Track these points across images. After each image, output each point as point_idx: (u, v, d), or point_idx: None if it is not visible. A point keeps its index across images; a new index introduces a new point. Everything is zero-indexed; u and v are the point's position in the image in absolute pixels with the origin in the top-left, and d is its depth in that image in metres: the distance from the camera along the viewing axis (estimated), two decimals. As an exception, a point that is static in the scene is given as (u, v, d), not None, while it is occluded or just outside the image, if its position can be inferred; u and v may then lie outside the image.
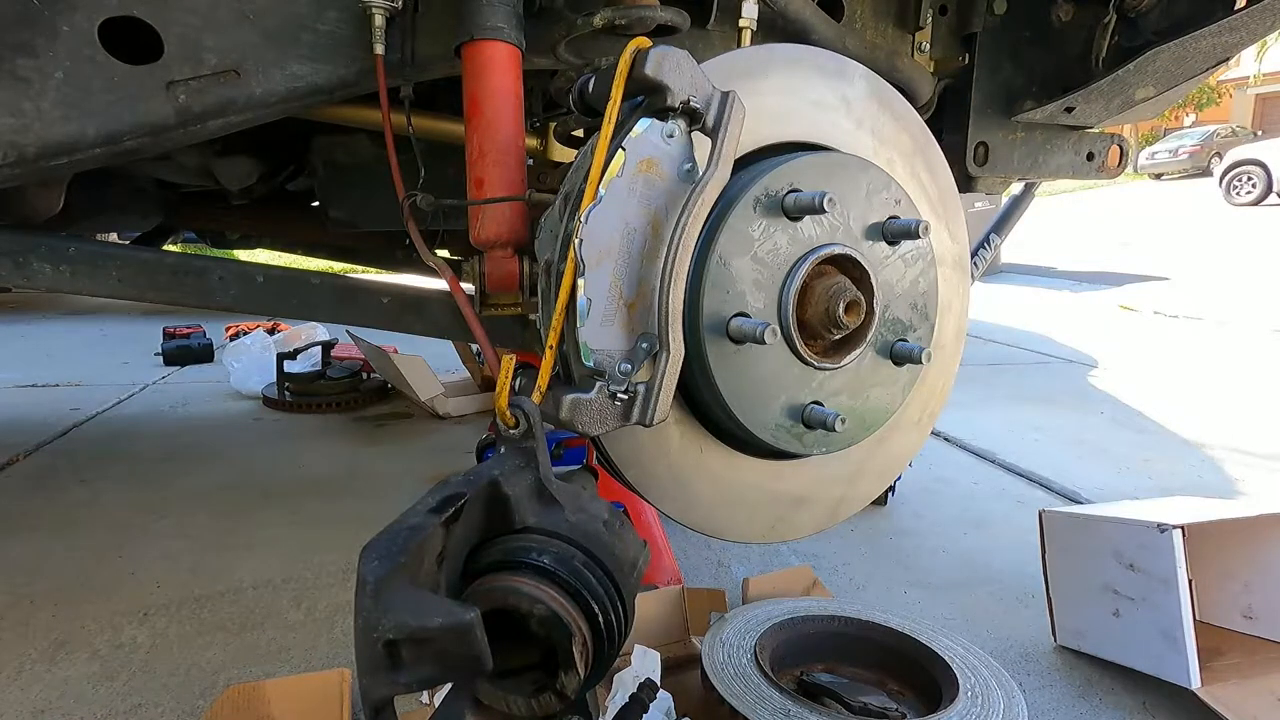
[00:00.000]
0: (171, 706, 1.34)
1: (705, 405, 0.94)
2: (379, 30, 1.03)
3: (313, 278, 1.35)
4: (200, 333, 4.46)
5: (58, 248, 1.21)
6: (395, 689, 0.50)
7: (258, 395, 3.46)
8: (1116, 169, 1.76)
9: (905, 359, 1.00)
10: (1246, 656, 1.40)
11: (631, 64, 0.78)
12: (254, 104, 1.05)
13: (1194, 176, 19.58)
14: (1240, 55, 3.72)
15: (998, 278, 9.06)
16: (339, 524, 2.11)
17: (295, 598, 1.71)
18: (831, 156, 0.96)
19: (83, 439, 2.90)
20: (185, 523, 2.11)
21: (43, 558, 1.88)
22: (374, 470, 2.57)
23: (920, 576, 1.89)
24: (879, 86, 1.07)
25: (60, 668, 1.45)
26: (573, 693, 0.63)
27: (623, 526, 0.71)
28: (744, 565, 1.90)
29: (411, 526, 0.54)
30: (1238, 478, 2.66)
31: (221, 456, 2.70)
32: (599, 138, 0.79)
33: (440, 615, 0.48)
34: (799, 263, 0.90)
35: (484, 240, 1.00)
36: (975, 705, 1.17)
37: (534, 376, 0.80)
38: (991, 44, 1.53)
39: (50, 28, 0.95)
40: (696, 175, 0.81)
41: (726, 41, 1.22)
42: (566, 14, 1.10)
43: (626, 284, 0.80)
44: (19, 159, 0.98)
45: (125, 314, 5.98)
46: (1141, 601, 1.37)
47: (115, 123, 1.00)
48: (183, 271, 1.27)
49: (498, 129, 0.98)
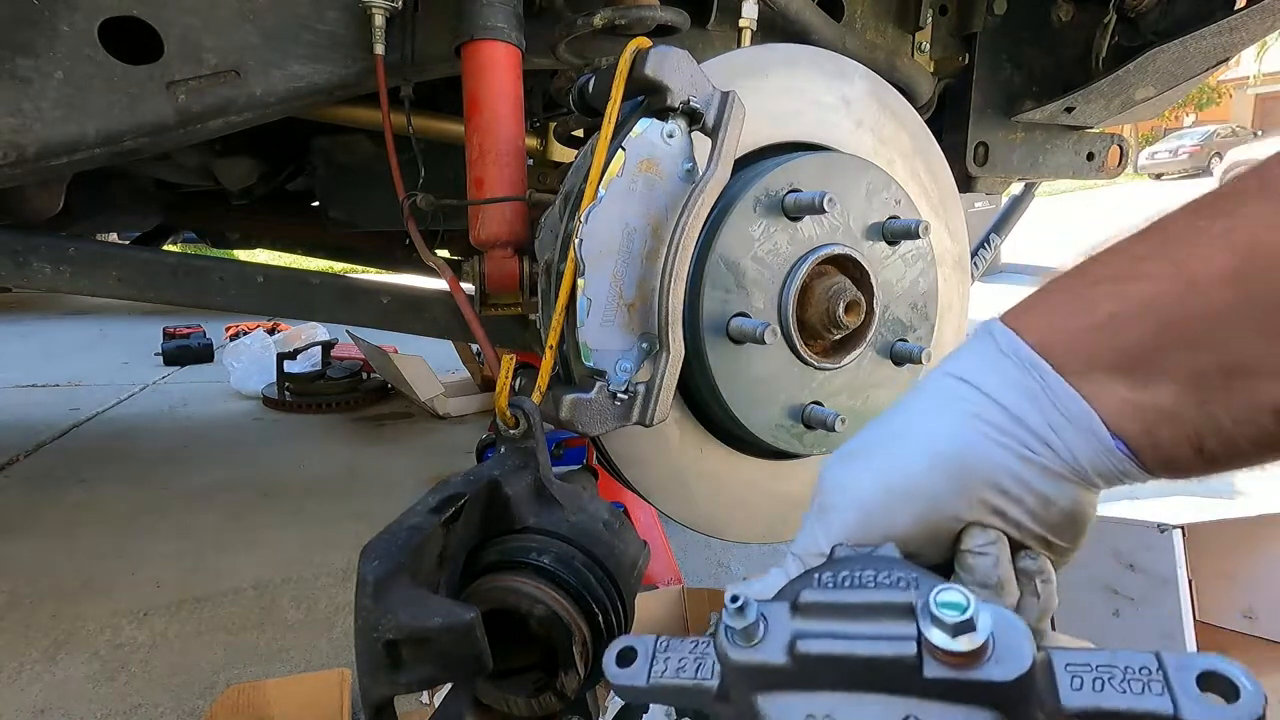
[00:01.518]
0: (171, 706, 1.34)
1: (705, 405, 0.94)
2: (379, 30, 1.03)
3: (313, 278, 1.35)
4: (200, 333, 4.46)
5: (58, 248, 1.21)
6: (395, 689, 0.50)
7: (258, 395, 3.46)
8: (1116, 169, 1.76)
9: (905, 359, 1.00)
10: (1246, 657, 1.39)
11: (631, 64, 0.78)
12: (254, 104, 1.05)
13: (1194, 176, 19.57)
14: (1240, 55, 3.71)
15: (998, 278, 9.05)
16: (339, 524, 2.11)
17: (295, 598, 1.71)
18: (832, 157, 0.96)
19: (83, 439, 2.90)
20: (185, 523, 2.10)
21: (43, 558, 1.88)
22: (374, 470, 2.57)
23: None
24: (879, 86, 1.07)
25: (60, 668, 1.45)
26: (573, 693, 0.63)
27: (623, 526, 0.71)
28: (744, 565, 1.90)
29: (411, 526, 0.54)
30: (1238, 478, 2.66)
31: (221, 456, 2.70)
32: (599, 138, 0.79)
33: (440, 615, 0.48)
34: (799, 263, 0.90)
35: (484, 240, 1.00)
36: (975, 705, 1.17)
37: (534, 376, 0.80)
38: (991, 44, 1.53)
39: (50, 28, 0.95)
40: (697, 175, 0.81)
41: (726, 41, 1.22)
42: (566, 14, 1.10)
43: (626, 284, 0.80)
44: (19, 159, 0.98)
45: (125, 314, 5.97)
46: (1141, 602, 1.37)
47: (115, 123, 1.00)
48: (183, 271, 1.27)
49: (498, 129, 0.98)
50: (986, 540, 0.42)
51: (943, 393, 0.44)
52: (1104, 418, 0.39)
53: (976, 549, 0.42)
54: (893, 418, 0.47)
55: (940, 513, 0.42)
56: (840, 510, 0.45)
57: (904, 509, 0.43)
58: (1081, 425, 0.39)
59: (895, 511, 0.43)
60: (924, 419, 0.44)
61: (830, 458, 0.49)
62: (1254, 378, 0.35)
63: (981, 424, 0.41)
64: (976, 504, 0.42)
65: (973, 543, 0.42)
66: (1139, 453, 0.39)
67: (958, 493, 0.42)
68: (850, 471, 0.46)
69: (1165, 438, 0.38)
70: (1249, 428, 0.36)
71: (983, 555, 0.42)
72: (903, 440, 0.44)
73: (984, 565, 0.42)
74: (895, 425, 0.46)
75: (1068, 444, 0.40)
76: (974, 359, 0.44)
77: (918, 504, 0.43)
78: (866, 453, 0.46)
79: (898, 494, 0.43)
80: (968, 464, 0.41)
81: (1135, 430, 0.39)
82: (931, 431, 0.43)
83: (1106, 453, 0.40)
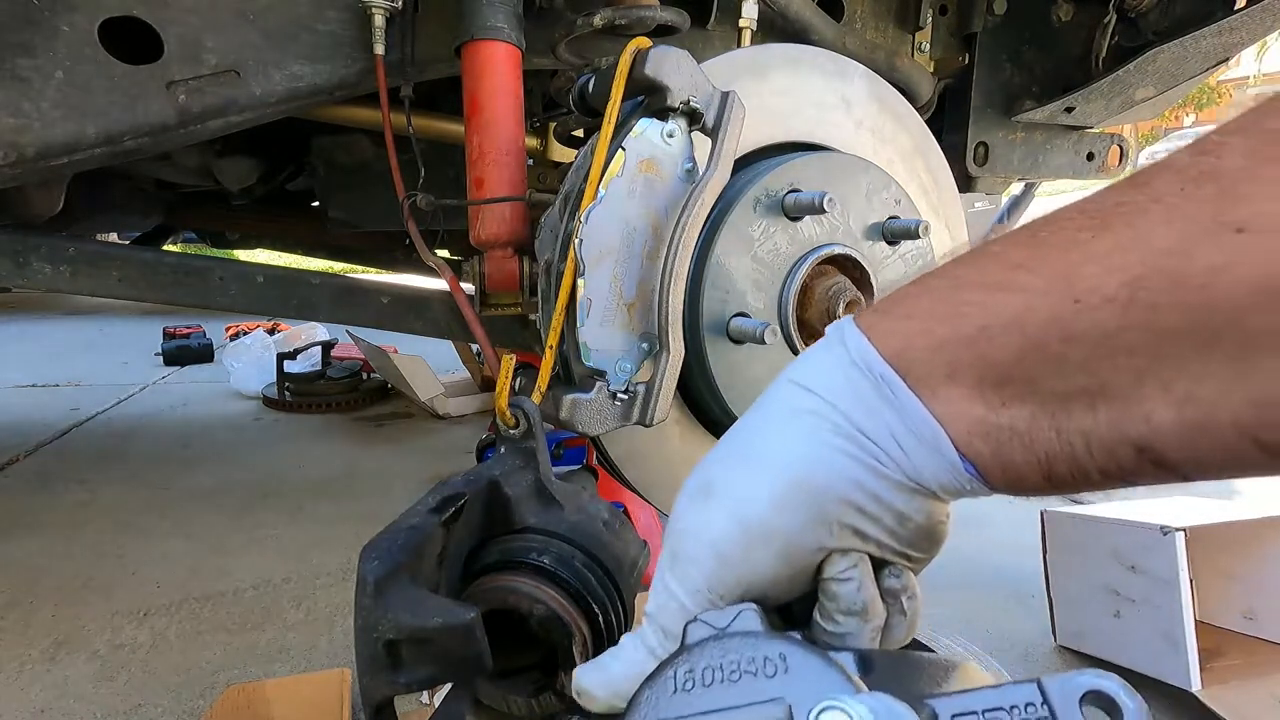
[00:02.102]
0: (171, 706, 1.34)
1: (705, 405, 0.94)
2: (379, 30, 1.03)
3: (313, 278, 1.35)
4: (200, 333, 4.46)
5: (58, 248, 1.21)
6: (395, 689, 0.50)
7: (258, 395, 3.46)
8: (1117, 169, 1.76)
9: (905, 359, 1.00)
10: (1246, 657, 1.40)
11: (631, 64, 0.78)
12: (254, 104, 1.05)
13: (1194, 177, 19.54)
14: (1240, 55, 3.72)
15: (998, 278, 9.03)
16: (339, 524, 2.11)
17: (295, 598, 1.71)
18: (832, 157, 0.96)
19: (83, 439, 2.90)
20: (185, 523, 2.10)
21: (43, 558, 1.88)
22: (374, 470, 2.57)
23: (919, 576, 1.88)
24: (879, 86, 1.07)
25: (60, 668, 1.45)
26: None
27: (623, 526, 0.71)
28: (744, 565, 1.90)
29: (411, 526, 0.54)
30: (1238, 480, 2.66)
31: (221, 456, 2.70)
32: (599, 138, 0.79)
33: (440, 615, 0.48)
34: (799, 263, 0.90)
35: (484, 240, 1.00)
36: (975, 705, 1.17)
37: (534, 376, 0.80)
38: (991, 44, 1.53)
39: (50, 28, 0.95)
40: (697, 175, 0.81)
41: (726, 41, 1.22)
42: (566, 14, 1.10)
43: (626, 284, 0.80)
44: (19, 159, 0.98)
45: (125, 314, 5.97)
46: (1143, 603, 1.36)
47: (115, 123, 1.00)
48: (183, 271, 1.27)
49: (498, 129, 0.98)
50: (848, 565, 0.40)
51: (791, 406, 0.41)
52: (955, 438, 0.37)
53: (840, 575, 0.40)
54: (740, 438, 0.44)
55: (801, 547, 0.40)
56: (695, 561, 0.42)
57: (763, 549, 0.40)
58: (931, 445, 0.37)
59: (754, 553, 0.40)
60: (773, 440, 0.41)
61: (680, 495, 0.45)
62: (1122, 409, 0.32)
63: (833, 438, 0.39)
64: (837, 529, 0.40)
65: (835, 570, 0.40)
66: (986, 473, 0.38)
67: (817, 521, 0.39)
68: (702, 514, 0.42)
69: (1016, 461, 0.36)
70: (1105, 458, 0.34)
71: (846, 581, 0.40)
72: (754, 468, 0.41)
73: (848, 591, 0.40)
74: (743, 448, 0.43)
75: (916, 463, 0.38)
76: (823, 368, 0.41)
77: (776, 542, 0.40)
78: (716, 488, 0.43)
79: (755, 535, 0.40)
80: (823, 487, 0.39)
81: (986, 453, 0.37)
82: (783, 454, 0.40)
83: (954, 472, 0.38)
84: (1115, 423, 0.33)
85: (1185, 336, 0.30)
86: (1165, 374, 0.31)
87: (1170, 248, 0.30)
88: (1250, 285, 0.28)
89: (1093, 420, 0.33)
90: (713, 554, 0.41)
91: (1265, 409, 0.29)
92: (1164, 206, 0.31)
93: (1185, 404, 0.31)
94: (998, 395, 0.36)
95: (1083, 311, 0.32)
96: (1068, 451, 0.34)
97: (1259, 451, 0.30)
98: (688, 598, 0.42)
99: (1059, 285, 0.33)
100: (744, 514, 0.40)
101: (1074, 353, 0.33)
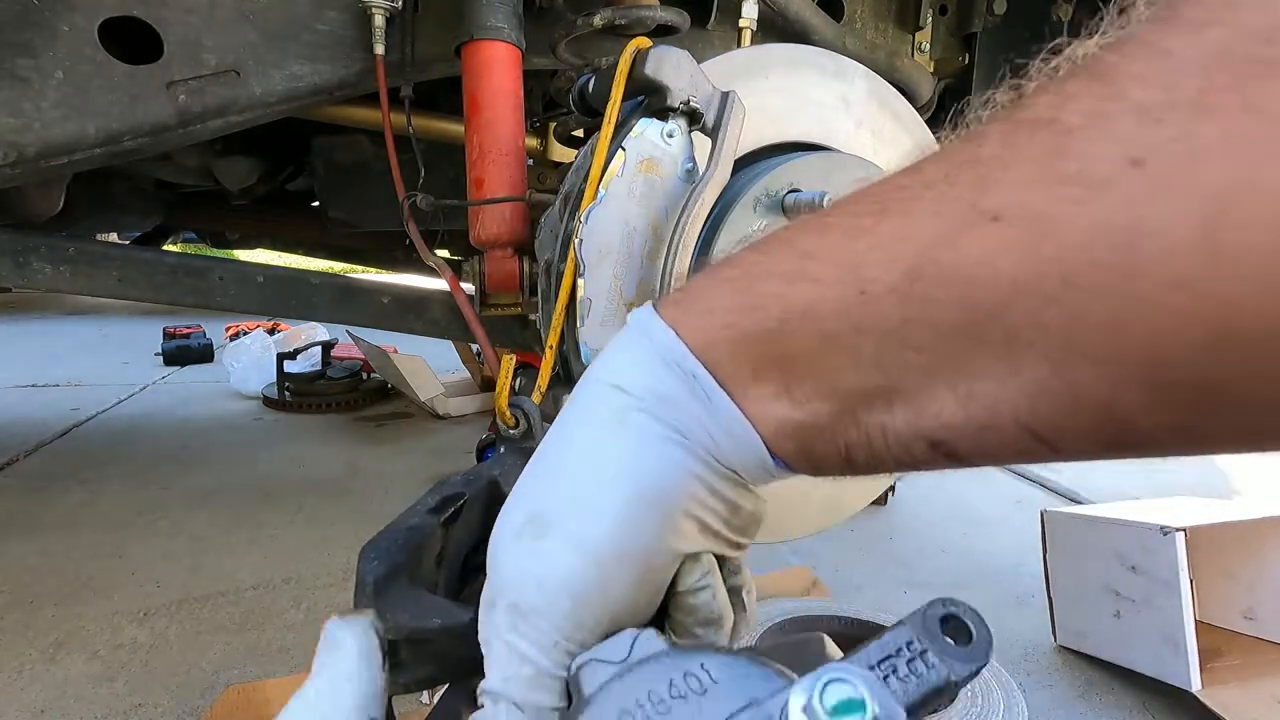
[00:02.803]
0: (171, 706, 1.34)
1: (705, 405, 0.94)
2: (379, 30, 1.03)
3: (313, 278, 1.35)
4: (200, 333, 4.46)
5: (58, 248, 1.21)
6: (394, 689, 0.50)
7: (258, 395, 3.46)
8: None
9: (905, 359, 1.00)
10: (1246, 658, 1.40)
11: (631, 64, 0.79)
12: (254, 104, 1.05)
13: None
14: (1241, 56, 3.70)
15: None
16: (339, 524, 2.11)
17: (295, 598, 1.71)
18: (831, 156, 0.96)
19: (83, 439, 2.90)
20: (185, 523, 2.11)
21: (43, 558, 1.88)
22: (374, 470, 2.57)
23: (920, 576, 1.89)
24: (879, 86, 1.07)
25: (60, 668, 1.45)
26: (572, 693, 0.63)
27: (622, 527, 0.71)
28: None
29: (411, 527, 0.54)
30: (1239, 478, 2.66)
31: (222, 456, 2.70)
32: (599, 138, 0.79)
33: (439, 616, 0.48)
34: (799, 263, 0.90)
35: (484, 240, 1.00)
36: (975, 704, 1.17)
37: (534, 376, 0.80)
38: (991, 44, 1.53)
39: (50, 28, 0.95)
40: (697, 175, 0.81)
41: (726, 41, 1.22)
42: (566, 14, 1.10)
43: (627, 284, 0.80)
44: (19, 159, 0.98)
45: (125, 314, 5.98)
46: (1143, 603, 1.37)
47: (115, 123, 1.00)
48: (183, 271, 1.28)
49: (498, 129, 0.98)
50: (703, 572, 0.37)
51: (611, 409, 0.38)
52: (765, 438, 0.36)
53: (695, 585, 0.37)
54: (561, 455, 0.39)
55: (659, 561, 0.36)
56: (542, 612, 0.36)
57: (620, 577, 0.36)
58: (744, 443, 0.36)
59: (611, 584, 0.36)
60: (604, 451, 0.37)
61: (499, 534, 0.40)
62: (917, 409, 0.32)
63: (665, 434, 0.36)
64: (687, 529, 0.37)
65: (691, 581, 0.37)
66: (793, 465, 0.37)
67: (669, 528, 0.36)
68: (540, 554, 0.37)
69: (818, 451, 0.36)
70: (901, 452, 0.33)
71: (703, 589, 0.37)
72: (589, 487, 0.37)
73: (704, 601, 0.37)
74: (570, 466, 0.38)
75: (732, 459, 0.37)
76: (635, 365, 0.38)
77: (634, 564, 0.36)
78: (550, 519, 0.37)
79: (609, 563, 0.36)
80: (667, 489, 0.36)
81: (793, 449, 0.36)
82: (618, 465, 0.36)
83: (764, 466, 0.37)
84: (911, 422, 0.32)
85: (961, 332, 0.29)
86: (948, 373, 0.30)
87: (938, 238, 0.29)
88: (1009, 277, 0.27)
89: (890, 418, 0.33)
90: (567, 597, 0.36)
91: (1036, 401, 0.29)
92: (935, 193, 0.30)
93: (969, 402, 0.30)
94: (801, 392, 0.35)
95: (869, 302, 0.31)
96: (865, 442, 0.34)
97: (1039, 444, 0.30)
98: (542, 656, 0.36)
99: (847, 275, 0.32)
100: (592, 543, 0.36)
101: (865, 346, 0.32)
